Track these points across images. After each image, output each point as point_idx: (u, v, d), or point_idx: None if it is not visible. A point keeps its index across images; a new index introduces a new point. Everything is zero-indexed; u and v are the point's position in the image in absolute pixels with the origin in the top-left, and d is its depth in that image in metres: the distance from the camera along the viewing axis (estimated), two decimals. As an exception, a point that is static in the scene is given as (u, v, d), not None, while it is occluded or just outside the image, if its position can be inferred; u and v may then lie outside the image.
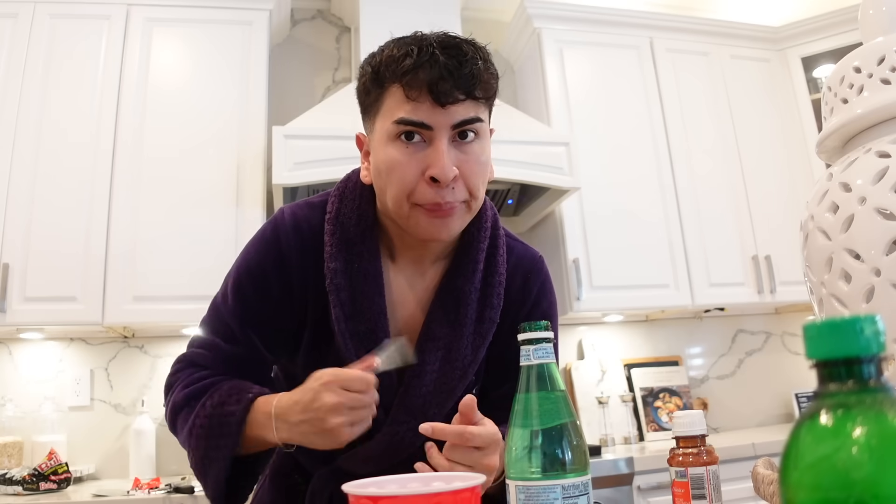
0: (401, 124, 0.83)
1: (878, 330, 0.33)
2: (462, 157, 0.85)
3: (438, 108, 0.82)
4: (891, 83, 0.68)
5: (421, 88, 0.82)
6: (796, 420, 0.35)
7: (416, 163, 0.83)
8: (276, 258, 0.92)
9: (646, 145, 2.80)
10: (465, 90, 0.83)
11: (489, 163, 0.90)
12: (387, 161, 0.85)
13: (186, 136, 2.37)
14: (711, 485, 0.71)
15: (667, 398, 2.79)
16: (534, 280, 1.01)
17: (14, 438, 2.22)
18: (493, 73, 0.87)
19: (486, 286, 0.95)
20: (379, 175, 0.87)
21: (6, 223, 2.18)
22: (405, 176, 0.84)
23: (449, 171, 0.82)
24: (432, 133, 0.83)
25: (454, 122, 0.84)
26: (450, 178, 0.82)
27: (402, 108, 0.83)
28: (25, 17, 2.35)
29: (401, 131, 0.84)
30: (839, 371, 0.34)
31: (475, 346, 0.94)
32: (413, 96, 0.82)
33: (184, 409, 0.91)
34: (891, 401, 0.32)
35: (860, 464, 0.30)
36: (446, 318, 0.93)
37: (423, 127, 0.83)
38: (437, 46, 0.83)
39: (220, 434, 0.86)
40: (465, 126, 0.84)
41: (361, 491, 0.54)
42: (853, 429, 0.31)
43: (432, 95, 0.81)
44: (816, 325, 0.34)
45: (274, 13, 2.63)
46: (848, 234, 0.65)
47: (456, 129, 0.84)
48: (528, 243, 1.06)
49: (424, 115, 0.82)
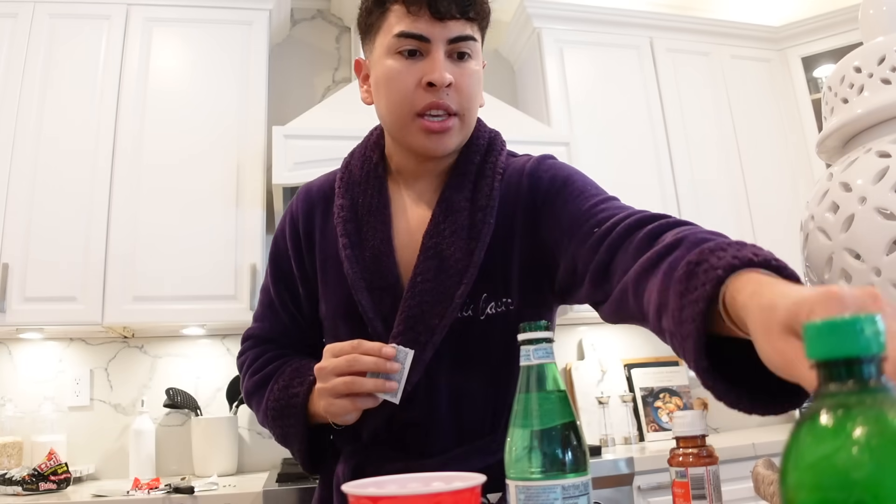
0: (401, 37, 0.90)
1: (878, 330, 0.33)
2: (457, 72, 0.92)
3: (437, 22, 0.89)
4: (891, 83, 0.68)
5: (421, 4, 0.89)
6: (796, 420, 0.35)
7: (415, 72, 0.90)
8: (289, 221, 1.04)
9: (646, 145, 2.80)
10: (460, 8, 0.90)
11: (481, 87, 0.97)
12: (386, 73, 0.92)
13: (186, 136, 2.37)
14: (711, 485, 0.71)
15: (667, 398, 2.79)
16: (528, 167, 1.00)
17: (14, 438, 2.22)
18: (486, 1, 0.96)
19: (476, 191, 0.98)
20: (378, 89, 0.95)
21: (6, 223, 2.18)
22: (404, 84, 0.90)
23: (444, 76, 0.89)
24: (430, 45, 0.90)
25: (451, 37, 0.91)
26: (445, 82, 0.89)
27: (402, 22, 0.91)
28: (25, 17, 2.35)
29: (401, 45, 0.91)
30: (839, 371, 0.34)
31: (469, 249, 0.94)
32: (413, 11, 0.90)
33: (255, 395, 1.03)
34: (891, 401, 0.32)
35: (860, 464, 0.30)
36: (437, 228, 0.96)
37: (422, 39, 0.90)
38: None
39: (290, 415, 0.95)
40: (460, 42, 0.92)
41: (361, 491, 0.54)
42: (853, 429, 0.31)
43: (431, 10, 0.89)
44: (816, 325, 0.34)
45: (274, 13, 2.63)
46: (848, 234, 0.65)
47: (452, 43, 0.91)
48: None
49: (423, 27, 0.90)
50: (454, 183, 0.98)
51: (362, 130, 1.11)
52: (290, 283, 1.04)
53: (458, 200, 0.97)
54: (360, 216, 0.99)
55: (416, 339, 0.91)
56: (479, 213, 0.96)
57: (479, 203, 0.97)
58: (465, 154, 1.00)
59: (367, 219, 0.98)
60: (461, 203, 0.97)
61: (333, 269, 0.99)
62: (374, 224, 0.98)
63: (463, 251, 0.94)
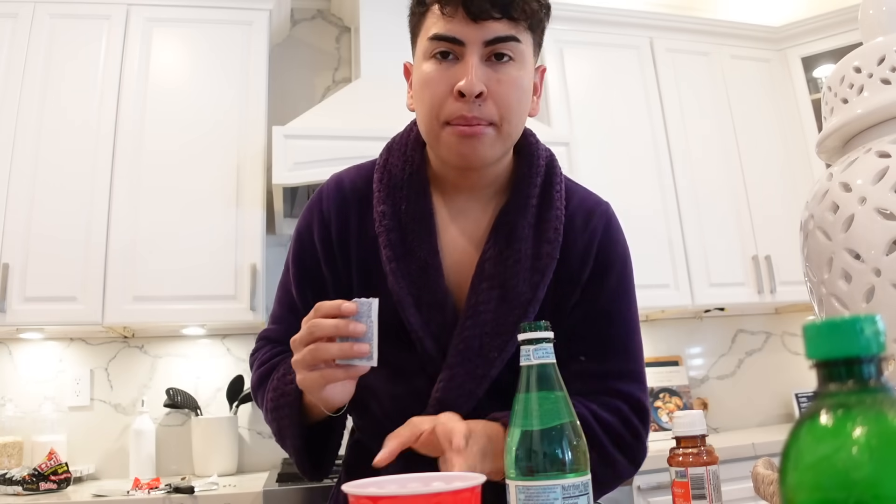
0: (434, 40, 0.84)
1: (878, 330, 0.33)
2: (494, 77, 0.84)
3: (471, 23, 0.82)
4: (891, 83, 0.68)
5: (456, 4, 0.82)
6: (796, 420, 0.35)
7: (448, 78, 0.84)
8: (318, 218, 0.95)
9: (646, 145, 2.80)
10: (500, 7, 0.82)
11: (528, 93, 0.89)
12: (420, 79, 0.87)
13: (186, 136, 2.37)
14: (711, 485, 0.71)
15: (667, 398, 2.79)
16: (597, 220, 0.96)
17: (14, 438, 2.22)
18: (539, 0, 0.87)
19: (541, 221, 0.92)
20: (417, 94, 0.89)
21: (6, 223, 2.18)
22: (435, 91, 0.84)
23: (475, 84, 0.81)
24: (464, 49, 0.83)
25: (487, 39, 0.83)
26: (474, 92, 0.81)
27: (437, 25, 0.84)
28: (25, 17, 2.35)
29: (435, 48, 0.85)
30: (839, 371, 0.34)
31: (533, 283, 0.90)
32: (448, 12, 0.83)
33: (259, 389, 0.96)
34: (891, 401, 0.32)
35: (860, 464, 0.30)
36: (500, 256, 0.90)
37: (455, 42, 0.83)
38: None
39: (285, 404, 0.87)
40: (498, 45, 0.83)
41: (361, 491, 0.54)
42: (853, 429, 0.31)
43: (465, 9, 0.82)
44: (816, 325, 0.34)
45: (274, 13, 2.63)
46: (848, 234, 0.65)
47: (489, 45, 0.83)
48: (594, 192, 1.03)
49: (456, 29, 0.83)
50: (516, 206, 0.92)
51: (362, 131, 1.10)
52: (317, 285, 0.95)
53: (521, 227, 0.91)
54: (403, 224, 0.91)
55: (472, 372, 0.87)
56: (545, 245, 0.91)
57: (545, 235, 0.91)
58: (526, 174, 0.94)
59: (412, 227, 0.91)
60: (524, 230, 0.91)
61: (374, 281, 0.91)
62: (419, 234, 0.90)
63: (528, 284, 0.89)
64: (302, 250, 0.97)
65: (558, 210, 0.93)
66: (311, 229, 0.96)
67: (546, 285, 0.90)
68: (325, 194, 0.97)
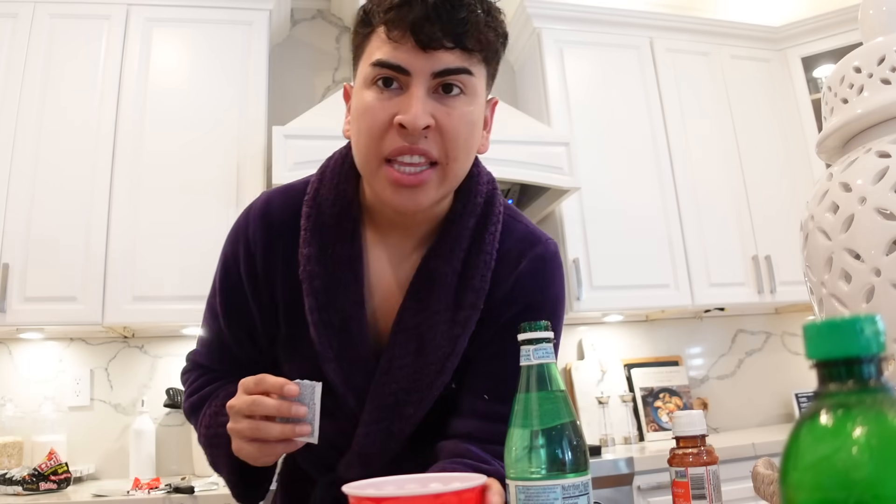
0: (377, 66, 0.76)
1: (878, 330, 0.33)
2: (442, 110, 0.76)
3: (419, 52, 0.74)
4: (891, 83, 0.68)
5: (404, 29, 0.74)
6: (796, 420, 0.35)
7: (388, 108, 0.75)
8: (244, 249, 0.88)
9: (646, 145, 2.80)
10: (454, 37, 0.74)
11: (478, 129, 0.81)
12: (359, 106, 0.79)
13: (186, 136, 2.37)
14: (711, 485, 0.71)
15: (667, 398, 2.79)
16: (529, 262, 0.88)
17: (14, 438, 2.22)
18: (494, 28, 0.78)
19: (468, 267, 0.85)
20: (354, 123, 0.81)
21: (6, 223, 2.18)
22: (375, 121, 0.76)
23: (419, 117, 0.73)
24: (409, 79, 0.75)
25: (436, 70, 0.75)
26: (419, 126, 0.73)
27: (381, 50, 0.76)
28: (25, 17, 2.35)
29: (377, 75, 0.76)
30: (839, 371, 0.34)
31: (453, 336, 0.84)
32: (394, 37, 0.75)
33: (192, 416, 0.93)
34: (891, 401, 0.32)
35: (860, 464, 0.30)
36: (420, 306, 0.84)
37: (400, 71, 0.75)
38: None
39: (217, 444, 0.85)
40: (448, 76, 0.76)
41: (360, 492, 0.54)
42: (853, 429, 0.31)
43: (414, 37, 0.74)
44: (816, 325, 0.34)
45: (274, 13, 2.63)
46: (848, 234, 0.65)
47: (438, 77, 0.76)
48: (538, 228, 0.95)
49: (403, 57, 0.75)
50: (442, 250, 0.85)
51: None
52: (245, 321, 0.90)
53: (444, 273, 0.84)
54: (329, 269, 0.84)
55: (388, 429, 0.84)
56: (469, 293, 0.84)
57: (471, 282, 0.85)
58: (459, 215, 0.86)
59: (338, 274, 0.84)
60: (448, 278, 0.84)
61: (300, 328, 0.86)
62: (345, 281, 0.84)
63: (447, 337, 0.84)
64: (228, 281, 0.90)
65: (488, 255, 0.86)
66: (237, 260, 0.89)
67: (467, 337, 0.85)
68: (252, 223, 0.88)
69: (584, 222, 2.64)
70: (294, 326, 0.87)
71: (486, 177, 0.92)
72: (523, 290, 0.88)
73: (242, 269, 0.88)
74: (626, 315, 2.90)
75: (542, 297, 0.89)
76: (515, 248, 0.89)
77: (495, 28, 0.79)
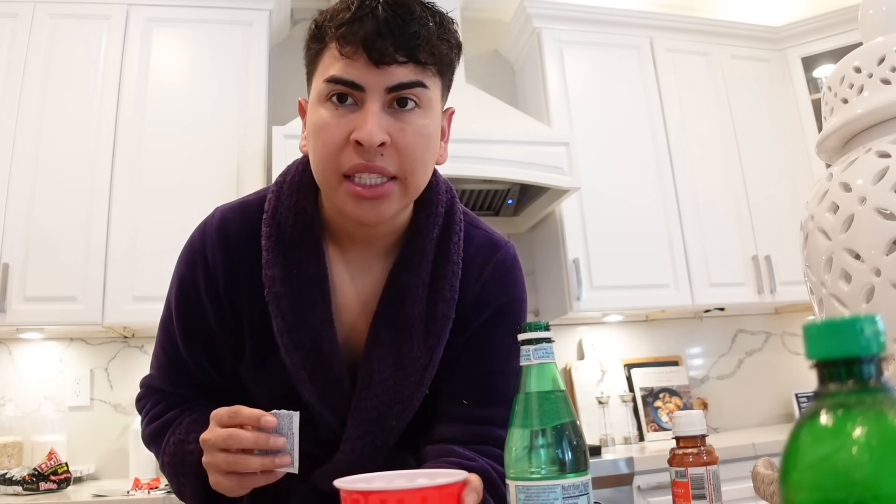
0: (331, 83, 0.75)
1: (878, 330, 0.33)
2: (397, 126, 0.76)
3: (372, 68, 0.74)
4: (891, 83, 0.68)
5: (356, 45, 0.74)
6: (796, 420, 0.35)
7: (344, 125, 0.75)
8: (203, 271, 0.86)
9: (646, 145, 2.80)
10: (406, 51, 0.74)
11: (435, 141, 0.81)
12: (314, 123, 0.78)
13: (186, 136, 2.37)
14: (711, 485, 0.71)
15: (667, 398, 2.79)
16: (493, 268, 0.91)
17: (14, 438, 2.22)
18: (447, 40, 0.78)
19: (436, 279, 0.86)
20: (309, 140, 0.80)
21: (6, 223, 2.18)
22: (331, 139, 0.76)
23: (375, 134, 0.73)
24: (364, 95, 0.75)
25: (389, 85, 0.75)
26: (375, 143, 0.73)
27: (335, 66, 0.76)
28: (25, 17, 2.35)
29: (331, 91, 0.76)
30: (839, 371, 0.34)
31: (429, 347, 0.85)
32: (347, 53, 0.74)
33: (152, 444, 0.91)
34: (891, 401, 0.32)
35: (860, 464, 0.30)
36: (393, 320, 0.84)
37: (354, 87, 0.75)
38: (384, 1, 0.75)
39: (184, 472, 0.83)
40: (402, 91, 0.76)
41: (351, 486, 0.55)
42: (853, 429, 0.31)
43: (367, 53, 0.73)
44: (816, 325, 0.34)
45: (274, 13, 2.63)
46: (848, 234, 0.65)
47: (392, 92, 0.75)
48: (496, 232, 0.97)
49: (356, 73, 0.74)
50: (409, 263, 0.85)
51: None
52: (205, 342, 0.88)
53: (414, 286, 0.85)
54: (295, 289, 0.83)
55: (372, 443, 0.85)
56: (441, 304, 0.86)
57: (441, 293, 0.86)
58: (423, 226, 0.87)
59: (304, 294, 0.83)
60: (418, 290, 0.85)
61: (268, 349, 0.85)
62: (312, 300, 0.83)
63: (423, 348, 0.85)
64: (187, 303, 0.87)
65: (455, 265, 0.87)
66: (196, 282, 0.86)
67: (443, 346, 0.86)
68: (210, 244, 0.87)
69: (584, 222, 2.64)
70: (263, 347, 0.86)
71: (445, 185, 0.93)
72: (491, 295, 0.90)
73: (203, 291, 0.86)
74: (626, 315, 2.90)
75: (508, 299, 0.92)
76: (478, 254, 0.91)
77: (448, 39, 0.79)
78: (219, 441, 0.71)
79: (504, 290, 0.92)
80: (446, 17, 0.80)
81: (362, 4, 0.74)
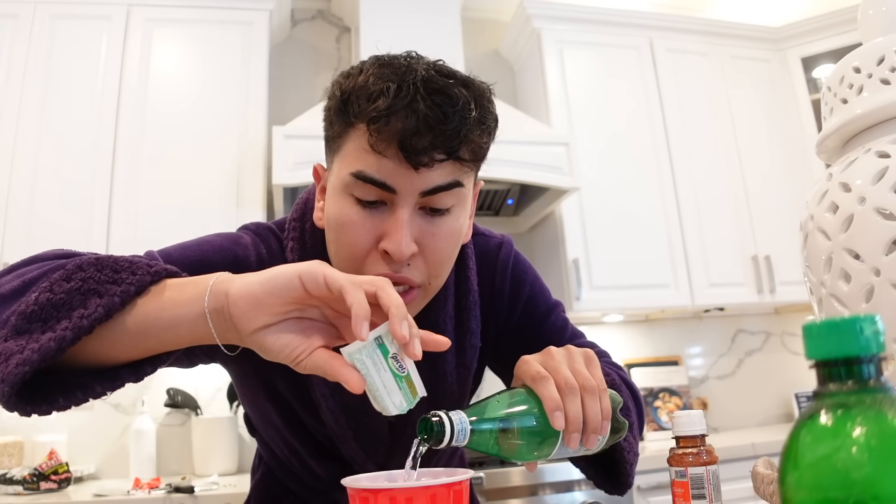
0: (359, 179, 0.68)
1: (877, 330, 0.33)
2: (428, 230, 0.70)
3: (408, 168, 0.67)
4: (890, 83, 0.68)
5: (391, 141, 0.66)
6: (796, 420, 0.35)
7: (371, 227, 0.69)
8: None
9: (646, 145, 2.80)
10: (446, 149, 0.67)
11: (462, 231, 0.75)
12: (338, 217, 0.71)
13: (186, 136, 2.37)
14: (711, 485, 0.71)
15: (667, 398, 2.79)
16: (503, 271, 0.91)
17: (14, 438, 2.22)
18: (486, 128, 0.71)
19: (461, 310, 0.85)
20: (329, 228, 0.74)
21: (6, 223, 2.18)
22: (356, 241, 0.69)
23: (406, 247, 0.67)
24: (395, 197, 0.68)
25: (425, 189, 0.68)
26: (405, 256, 0.68)
27: (364, 160, 0.68)
28: (25, 17, 2.35)
29: (357, 189, 0.69)
30: (839, 371, 0.34)
31: (460, 378, 0.86)
32: (380, 148, 0.66)
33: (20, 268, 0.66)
34: (891, 401, 0.32)
35: (860, 464, 0.31)
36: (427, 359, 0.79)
37: (385, 188, 0.67)
38: (422, 86, 0.66)
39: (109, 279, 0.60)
40: (438, 193, 0.69)
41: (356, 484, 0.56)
42: (853, 429, 0.32)
43: (403, 153, 0.66)
44: (816, 325, 0.34)
45: (274, 13, 2.63)
46: (848, 234, 0.65)
47: (426, 196, 0.69)
48: (487, 231, 0.95)
49: (388, 174, 0.67)
50: (436, 302, 0.83)
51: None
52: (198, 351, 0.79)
53: (441, 320, 0.83)
54: None
55: None
56: (468, 336, 0.85)
57: (467, 325, 0.85)
58: None
59: None
60: (445, 325, 0.84)
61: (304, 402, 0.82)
62: None
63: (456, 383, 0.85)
64: None
65: (474, 292, 0.86)
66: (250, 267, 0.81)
67: (472, 375, 0.87)
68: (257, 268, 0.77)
69: (583, 222, 2.64)
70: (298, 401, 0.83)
71: None
72: (515, 290, 0.92)
73: None
74: (626, 315, 2.90)
75: (531, 287, 0.94)
76: (487, 263, 0.91)
77: (488, 125, 0.71)
78: (364, 279, 0.55)
79: (523, 283, 0.93)
80: (486, 93, 0.72)
81: (400, 90, 0.66)
